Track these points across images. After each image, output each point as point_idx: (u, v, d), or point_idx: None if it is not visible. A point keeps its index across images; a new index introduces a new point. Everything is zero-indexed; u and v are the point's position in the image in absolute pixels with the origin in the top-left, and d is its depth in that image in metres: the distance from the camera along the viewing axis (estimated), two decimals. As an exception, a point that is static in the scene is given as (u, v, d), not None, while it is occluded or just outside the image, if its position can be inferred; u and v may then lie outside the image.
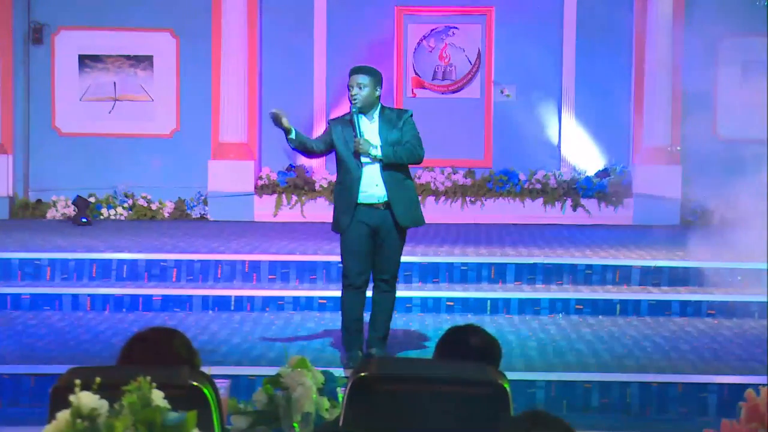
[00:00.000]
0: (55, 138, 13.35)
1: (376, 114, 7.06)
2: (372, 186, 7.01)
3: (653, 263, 9.49)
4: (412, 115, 7.15)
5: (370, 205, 7.03)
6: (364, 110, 7.03)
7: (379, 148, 6.96)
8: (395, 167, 7.01)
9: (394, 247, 7.13)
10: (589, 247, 10.35)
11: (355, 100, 6.98)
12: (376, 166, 6.99)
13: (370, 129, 7.02)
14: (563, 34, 13.34)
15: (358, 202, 7.02)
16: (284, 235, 11.19)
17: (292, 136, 7.03)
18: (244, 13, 13.06)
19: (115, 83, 13.34)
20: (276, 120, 6.99)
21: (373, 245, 7.11)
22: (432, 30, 13.52)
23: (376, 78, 7.04)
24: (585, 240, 10.96)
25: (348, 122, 7.07)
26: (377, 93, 7.02)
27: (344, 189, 7.09)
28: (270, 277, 9.42)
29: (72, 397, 2.78)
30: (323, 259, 9.54)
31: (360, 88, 6.98)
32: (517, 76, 13.40)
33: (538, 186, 13.07)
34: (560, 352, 7.64)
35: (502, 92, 13.41)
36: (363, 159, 6.98)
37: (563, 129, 13.39)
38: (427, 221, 12.46)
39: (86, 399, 2.77)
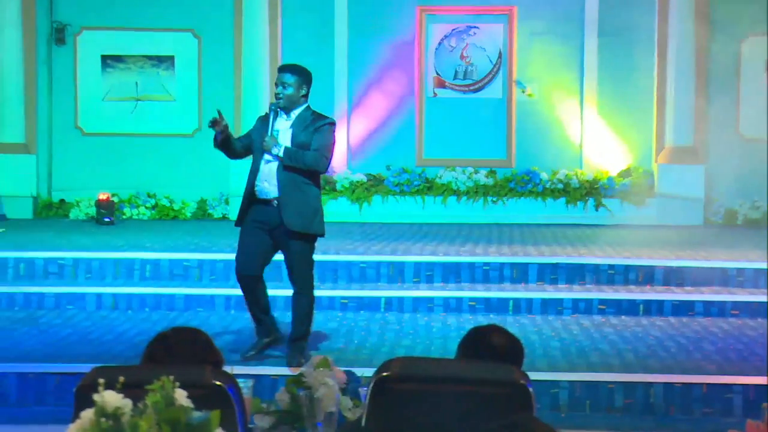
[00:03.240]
0: (78, 138, 13.40)
1: (295, 114, 7.01)
2: (263, 182, 6.96)
3: (676, 263, 9.44)
4: (332, 125, 7.06)
5: (262, 201, 6.99)
6: (287, 109, 6.99)
7: (282, 148, 6.90)
8: (295, 170, 6.92)
9: (293, 253, 7.00)
10: (611, 247, 10.31)
11: (279, 98, 6.96)
12: (274, 165, 6.92)
13: (284, 128, 6.99)
14: (585, 32, 13.29)
15: (255, 196, 6.99)
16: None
17: (222, 135, 6.91)
18: (265, 13, 13.08)
19: (137, 83, 13.38)
20: (216, 125, 6.86)
21: (264, 241, 7.04)
22: (453, 29, 13.50)
23: (303, 78, 7.01)
24: (607, 240, 10.91)
25: (265, 118, 7.06)
26: (302, 92, 6.99)
27: (247, 181, 7.07)
28: (292, 276, 9.41)
29: (96, 396, 2.79)
30: (345, 258, 9.54)
31: (284, 87, 6.95)
32: (539, 75, 13.36)
33: (560, 186, 13.03)
34: (583, 352, 7.61)
35: (524, 92, 13.38)
36: (266, 156, 6.94)
37: (585, 128, 13.34)
38: (448, 221, 12.63)
39: (110, 398, 2.78)
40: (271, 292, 8.17)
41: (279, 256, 7.24)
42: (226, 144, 7.00)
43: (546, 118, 13.34)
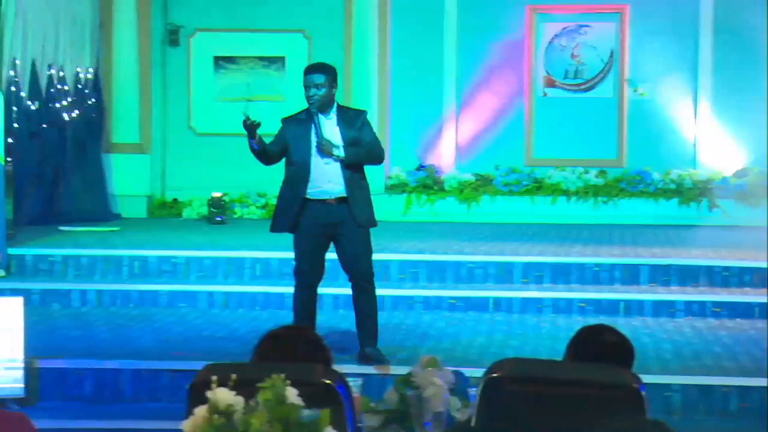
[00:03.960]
0: (191, 138, 13.61)
1: (333, 113, 7.00)
2: (325, 182, 6.94)
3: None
4: (367, 115, 7.10)
5: (322, 201, 6.95)
6: (323, 109, 6.95)
7: (341, 149, 6.89)
8: (354, 167, 6.95)
9: (359, 246, 7.02)
10: (726, 249, 10.08)
11: (312, 100, 6.92)
12: (335, 165, 6.92)
13: (329, 128, 6.96)
14: (699, 30, 13.05)
15: (308, 197, 6.95)
16: (414, 234, 11.19)
17: (256, 139, 6.99)
18: (375, 13, 13.14)
19: (248, 84, 13.54)
20: (251, 125, 6.92)
21: (326, 244, 7.05)
22: (564, 28, 13.38)
23: (332, 76, 6.98)
24: (722, 241, 10.67)
25: (303, 120, 7.02)
26: (334, 91, 6.98)
27: (291, 185, 7.06)
28: (400, 276, 9.43)
29: (209, 393, 2.83)
30: (453, 258, 9.52)
31: (318, 88, 6.91)
32: (652, 75, 13.16)
33: (673, 186, 12.82)
34: (697, 355, 7.48)
35: (636, 91, 13.20)
36: (325, 159, 6.90)
37: (699, 127, 13.10)
38: (558, 221, 12.51)
39: (223, 395, 2.82)
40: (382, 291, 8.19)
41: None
42: (264, 149, 7.07)
43: (659, 117, 13.14)
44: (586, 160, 13.18)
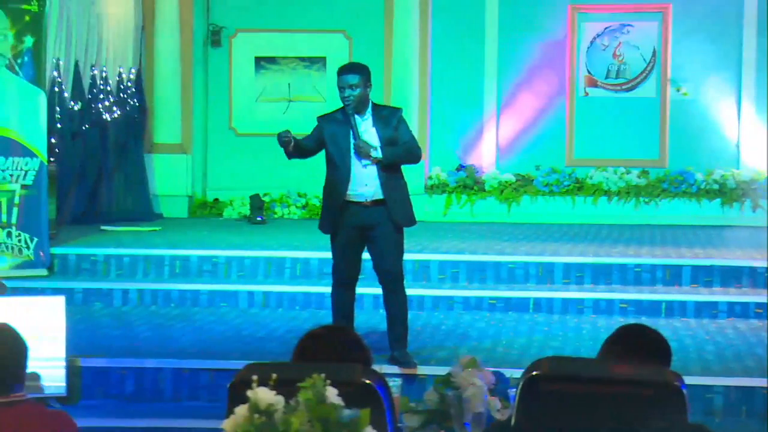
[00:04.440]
0: (232, 138, 13.67)
1: (369, 113, 6.97)
2: (362, 185, 6.93)
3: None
4: (402, 113, 7.09)
5: (359, 204, 6.94)
6: (358, 110, 6.92)
7: (379, 150, 6.87)
8: (391, 167, 6.93)
9: (391, 245, 7.00)
10: (769, 250, 10.00)
11: (348, 101, 6.89)
12: (372, 168, 6.90)
13: (366, 128, 6.93)
14: (743, 29, 12.94)
15: (348, 200, 6.95)
16: (454, 234, 11.18)
17: (291, 148, 7.00)
18: (416, 14, 13.13)
19: (289, 84, 13.58)
20: (287, 143, 6.93)
21: (361, 244, 7.05)
22: (606, 28, 13.32)
23: (366, 75, 6.94)
24: (765, 242, 10.58)
25: (340, 121, 6.99)
26: (369, 90, 6.94)
27: (332, 187, 7.05)
28: (440, 276, 9.42)
29: (250, 393, 2.84)
30: (493, 259, 9.50)
31: (352, 88, 6.87)
32: (694, 74, 13.07)
33: (716, 186, 12.72)
34: (739, 356, 7.42)
35: (678, 90, 13.11)
36: (363, 161, 6.89)
37: (742, 127, 12.99)
38: (599, 222, 12.46)
39: (263, 395, 2.82)
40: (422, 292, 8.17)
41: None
42: (299, 152, 7.10)
43: (701, 117, 13.04)
44: (627, 160, 13.11)
